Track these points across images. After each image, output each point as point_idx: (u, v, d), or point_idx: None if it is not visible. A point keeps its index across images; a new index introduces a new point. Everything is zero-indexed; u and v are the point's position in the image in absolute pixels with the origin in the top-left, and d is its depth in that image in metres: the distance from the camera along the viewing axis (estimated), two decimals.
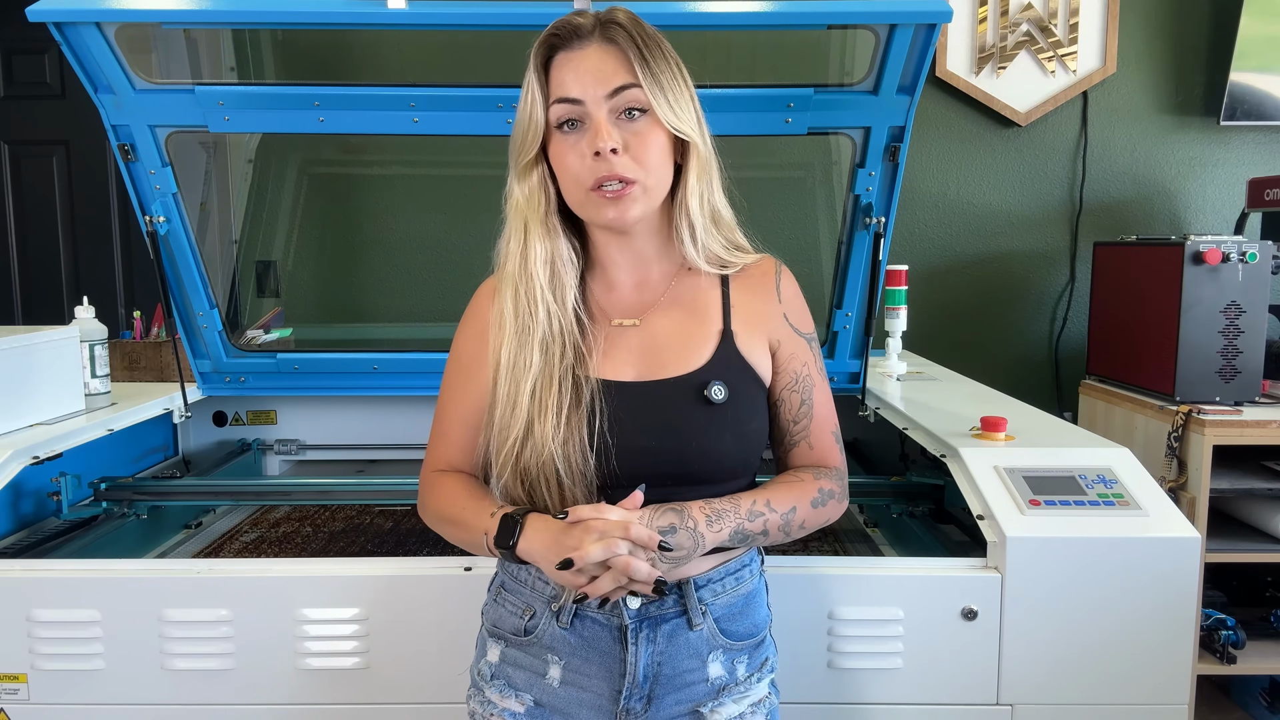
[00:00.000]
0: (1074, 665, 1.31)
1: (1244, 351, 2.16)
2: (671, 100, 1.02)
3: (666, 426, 1.03)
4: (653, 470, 1.02)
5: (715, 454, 1.03)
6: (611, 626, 1.04)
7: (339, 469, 2.21)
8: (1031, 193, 2.84)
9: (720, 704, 1.06)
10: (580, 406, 1.02)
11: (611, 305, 1.10)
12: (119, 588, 1.33)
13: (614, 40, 1.01)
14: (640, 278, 1.11)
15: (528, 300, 1.05)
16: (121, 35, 1.57)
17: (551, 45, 1.03)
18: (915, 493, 1.63)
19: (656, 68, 1.01)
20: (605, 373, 1.05)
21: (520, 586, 1.08)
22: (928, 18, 1.47)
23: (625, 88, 1.00)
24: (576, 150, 1.01)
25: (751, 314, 1.11)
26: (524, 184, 1.07)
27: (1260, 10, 2.64)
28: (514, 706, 1.06)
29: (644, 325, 1.09)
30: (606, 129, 1.00)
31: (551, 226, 1.07)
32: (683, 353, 1.07)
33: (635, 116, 1.01)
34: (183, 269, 1.86)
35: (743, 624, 1.08)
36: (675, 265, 1.12)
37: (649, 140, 1.01)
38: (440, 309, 2.83)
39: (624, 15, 1.03)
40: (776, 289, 1.13)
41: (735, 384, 1.06)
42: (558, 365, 1.03)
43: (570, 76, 1.01)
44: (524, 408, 1.02)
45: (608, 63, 1.01)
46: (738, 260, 1.11)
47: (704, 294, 1.10)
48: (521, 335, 1.05)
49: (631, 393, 1.04)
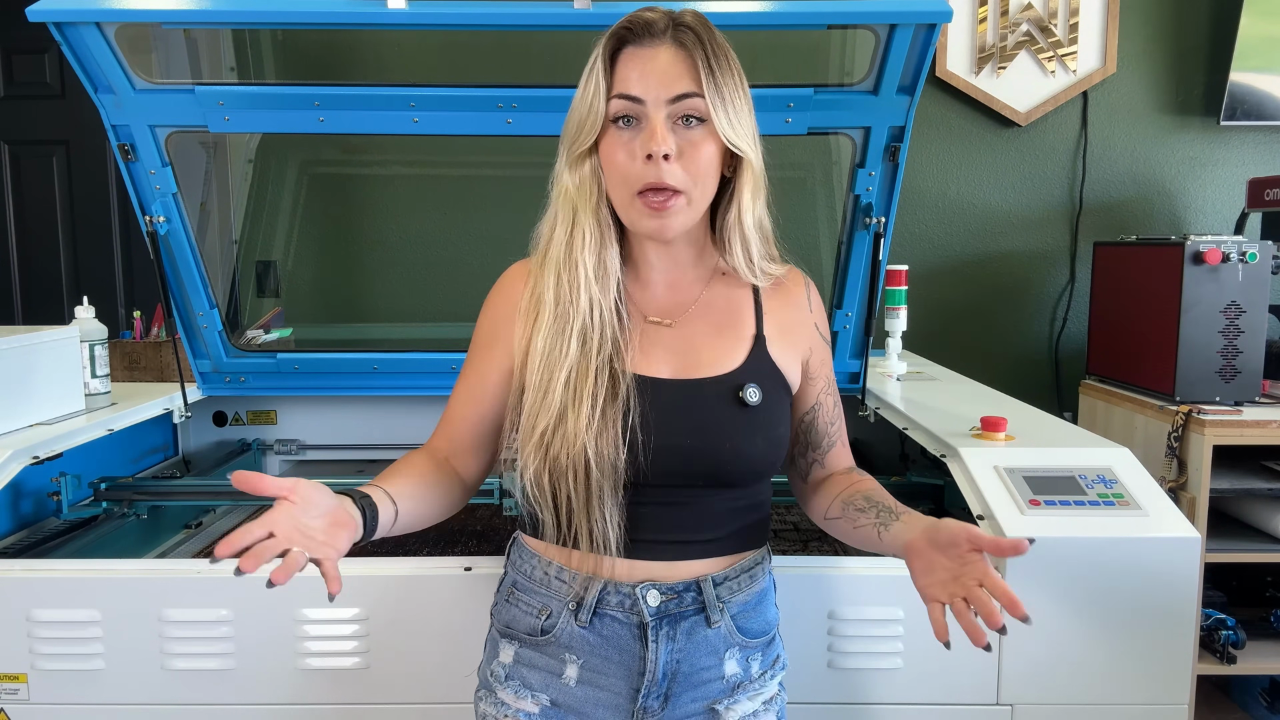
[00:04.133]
0: (1074, 665, 1.31)
1: (1244, 351, 2.16)
2: (731, 114, 1.01)
3: (701, 426, 1.03)
4: (683, 469, 1.02)
5: (746, 456, 1.04)
6: (631, 624, 1.04)
7: (339, 469, 2.21)
8: (1031, 193, 2.84)
9: (735, 701, 1.06)
10: (616, 400, 1.01)
11: (645, 303, 1.10)
12: (119, 588, 1.32)
13: (684, 44, 1.00)
14: (674, 279, 1.11)
15: (570, 287, 1.04)
16: (121, 35, 1.57)
17: (621, 38, 1.02)
18: (915, 493, 1.63)
19: (721, 79, 1.00)
20: (641, 368, 1.05)
21: (535, 586, 1.08)
22: (928, 18, 1.47)
23: (688, 95, 0.99)
24: (628, 149, 1.01)
25: (784, 323, 1.12)
26: (576, 172, 1.05)
27: (1260, 10, 2.64)
28: (529, 707, 1.06)
29: (678, 326, 1.09)
30: (663, 133, 0.99)
31: (602, 218, 1.06)
32: (718, 354, 1.07)
33: (692, 125, 1.01)
34: (183, 269, 1.85)
35: (757, 621, 1.09)
36: (709, 270, 1.12)
37: (702, 150, 1.01)
38: (440, 309, 2.83)
39: (695, 18, 1.02)
40: (808, 300, 1.15)
41: (767, 388, 1.07)
42: (595, 356, 1.02)
43: (636, 74, 1.00)
44: (557, 396, 1.01)
45: (675, 66, 1.00)
46: (772, 271, 1.12)
47: (736, 300, 1.12)
48: (560, 322, 1.04)
49: (668, 390, 1.04)
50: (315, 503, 0.90)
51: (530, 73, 2.53)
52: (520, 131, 1.70)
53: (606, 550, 1.01)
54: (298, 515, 0.88)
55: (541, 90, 1.66)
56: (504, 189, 2.73)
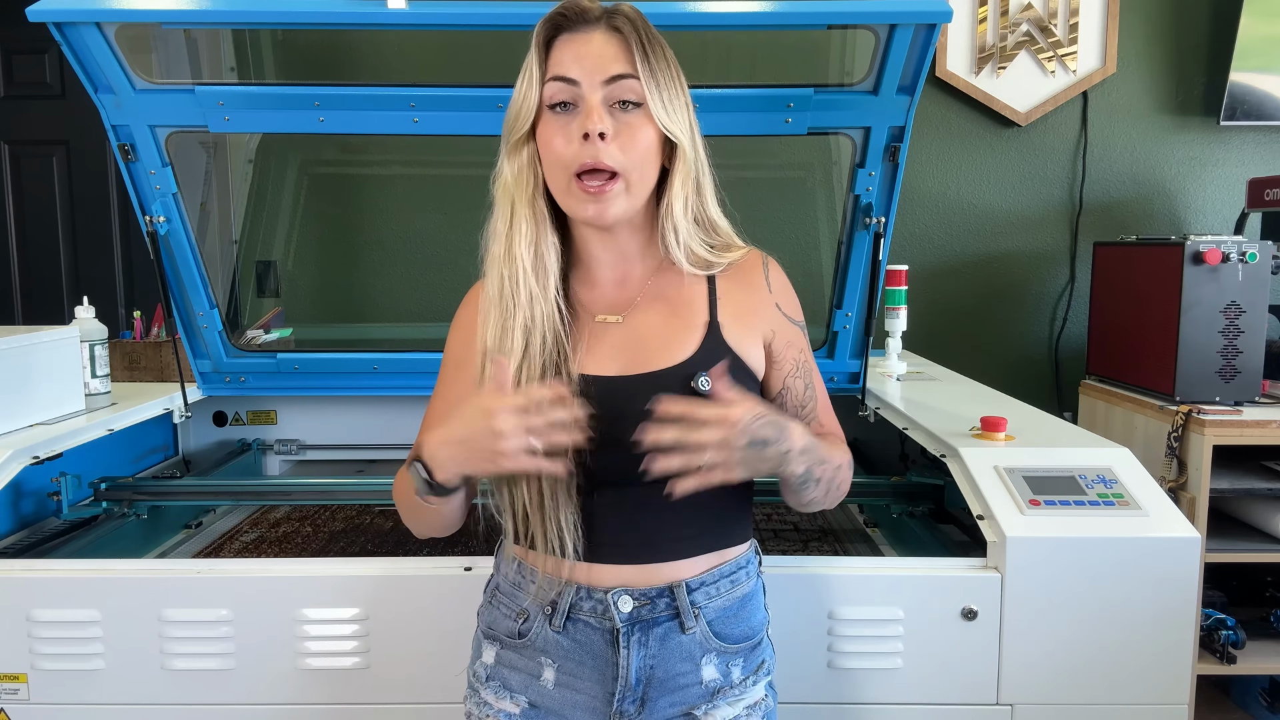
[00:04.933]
0: (1074, 665, 1.31)
1: (1244, 351, 2.16)
2: (666, 99, 1.01)
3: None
4: (637, 467, 1.00)
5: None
6: (603, 630, 1.04)
7: (339, 469, 2.21)
8: (1031, 193, 2.84)
9: (715, 706, 1.05)
10: None
11: (594, 302, 1.09)
12: (119, 588, 1.33)
13: (618, 30, 1.01)
14: (622, 274, 1.10)
15: (510, 282, 1.04)
16: (121, 35, 1.57)
17: (556, 25, 1.03)
18: (915, 493, 1.63)
19: (656, 65, 1.01)
20: (588, 368, 1.04)
21: (514, 589, 1.08)
22: (928, 18, 1.47)
23: (623, 77, 1.00)
24: (565, 132, 1.00)
25: (740, 306, 1.09)
26: (513, 162, 1.05)
27: (1260, 10, 2.64)
28: (509, 708, 1.06)
29: (627, 321, 1.07)
30: (599, 113, 0.99)
31: (538, 209, 1.05)
32: (668, 346, 1.06)
33: (628, 109, 1.01)
34: (183, 269, 1.86)
35: (738, 627, 1.08)
36: (657, 261, 1.11)
37: (638, 133, 1.01)
38: (440, 309, 2.83)
39: (630, 9, 1.03)
40: (766, 280, 1.12)
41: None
42: (538, 355, 1.02)
43: (570, 57, 1.01)
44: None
45: (609, 49, 1.00)
46: (722, 260, 1.10)
47: (688, 288, 1.09)
48: (505, 319, 1.04)
49: (615, 387, 1.03)
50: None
51: None
52: None
53: (564, 554, 1.01)
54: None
55: None
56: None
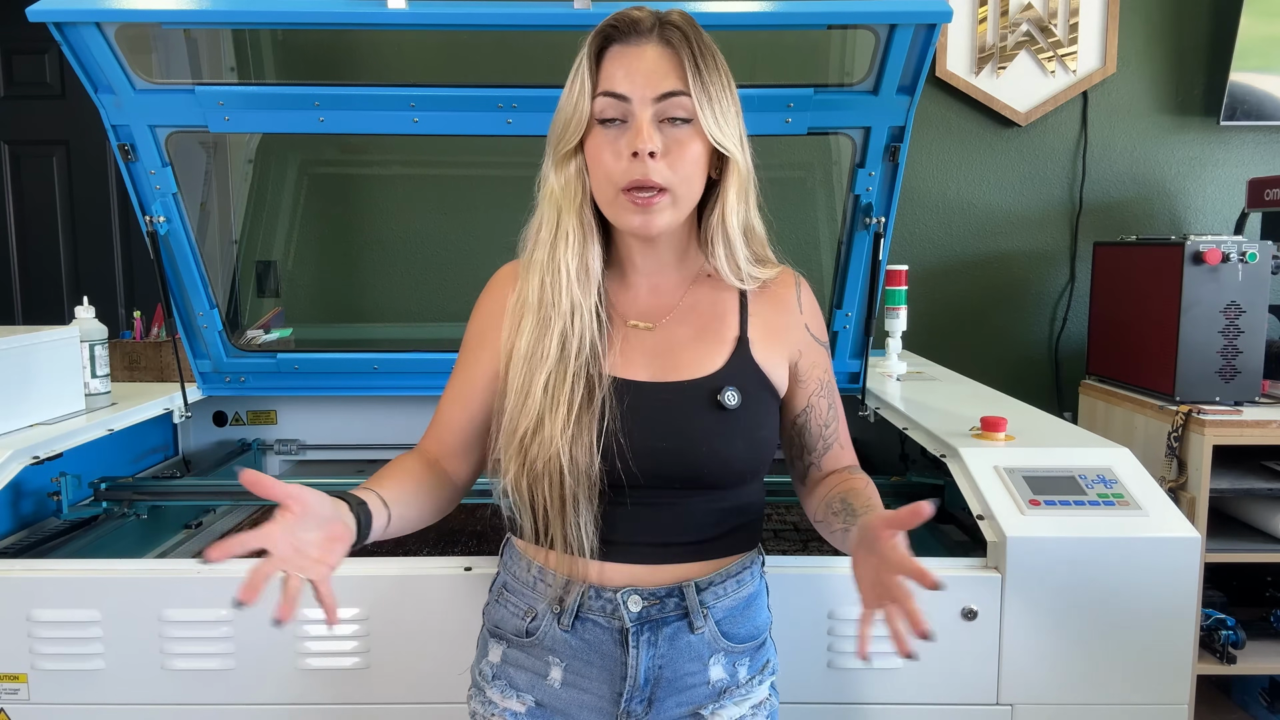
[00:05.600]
0: (1074, 665, 1.31)
1: (1244, 351, 2.16)
2: (718, 113, 1.01)
3: (678, 429, 1.02)
4: (661, 472, 1.02)
5: (725, 458, 1.03)
6: (612, 629, 1.04)
7: (339, 469, 2.21)
8: (1031, 193, 2.84)
9: (721, 706, 1.06)
10: (592, 405, 1.01)
11: (626, 306, 1.10)
12: (119, 588, 1.32)
13: (670, 43, 1.00)
14: (657, 282, 1.11)
15: (553, 290, 1.04)
16: (121, 35, 1.57)
17: (607, 36, 1.02)
18: (915, 493, 1.62)
19: (708, 77, 1.00)
20: (619, 372, 1.04)
21: (522, 588, 1.08)
22: (928, 18, 1.47)
23: (674, 94, 0.99)
24: (614, 148, 1.00)
25: (771, 326, 1.11)
26: (561, 173, 1.05)
27: (1260, 10, 2.64)
28: (515, 707, 1.06)
29: (659, 329, 1.08)
30: (649, 131, 0.98)
31: (585, 220, 1.05)
32: (697, 357, 1.07)
33: (678, 124, 1.00)
34: (183, 269, 1.85)
35: (744, 626, 1.08)
36: (692, 273, 1.12)
37: (688, 149, 1.00)
38: (440, 309, 2.84)
39: (681, 18, 1.02)
40: (798, 301, 1.14)
41: (749, 391, 1.06)
42: (573, 360, 1.02)
43: (621, 72, 1.00)
44: (536, 400, 1.02)
45: (661, 64, 1.00)
46: (760, 275, 1.10)
47: (721, 302, 1.11)
48: (542, 325, 1.04)
49: (644, 393, 1.04)
50: (314, 512, 0.89)
51: (530, 73, 2.52)
52: (520, 131, 1.70)
53: (581, 554, 1.01)
54: (295, 529, 0.87)
55: (541, 90, 1.65)
56: (504, 189, 2.73)
